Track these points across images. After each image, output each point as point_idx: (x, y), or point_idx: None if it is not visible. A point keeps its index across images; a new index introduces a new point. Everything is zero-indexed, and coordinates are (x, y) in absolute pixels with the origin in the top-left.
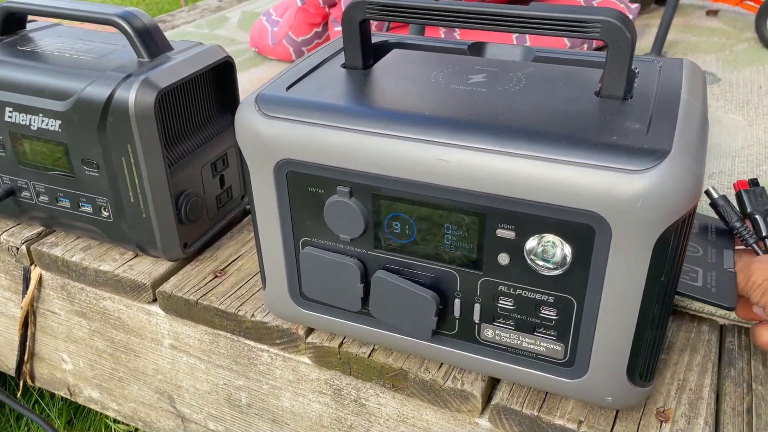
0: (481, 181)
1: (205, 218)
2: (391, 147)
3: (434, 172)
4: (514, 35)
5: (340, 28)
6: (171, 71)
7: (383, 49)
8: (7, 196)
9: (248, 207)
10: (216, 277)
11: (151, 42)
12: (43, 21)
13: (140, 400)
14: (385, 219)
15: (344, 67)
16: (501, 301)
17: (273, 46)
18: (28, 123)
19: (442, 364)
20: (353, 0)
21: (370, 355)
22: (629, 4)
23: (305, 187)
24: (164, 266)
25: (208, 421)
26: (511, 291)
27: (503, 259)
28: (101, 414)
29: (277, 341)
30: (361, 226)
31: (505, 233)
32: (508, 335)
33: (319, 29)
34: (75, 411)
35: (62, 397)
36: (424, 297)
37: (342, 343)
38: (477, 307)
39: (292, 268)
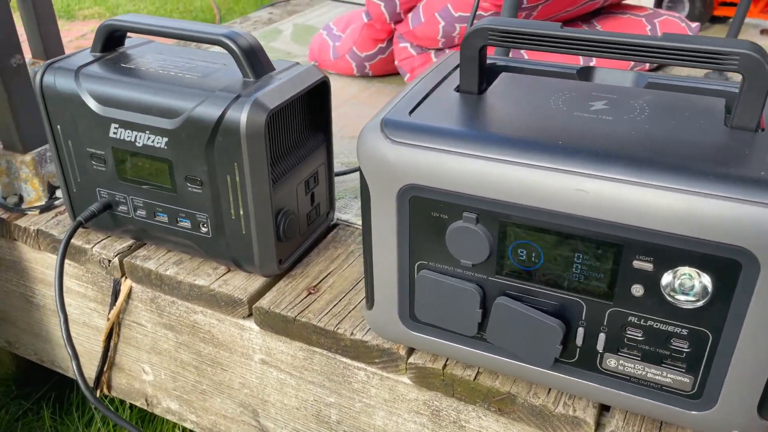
0: (621, 213)
1: (297, 235)
2: (524, 175)
3: (571, 202)
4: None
5: (405, 44)
6: (278, 92)
7: (491, 72)
8: (105, 209)
9: (332, 223)
10: (310, 293)
11: (256, 62)
12: (136, 37)
13: (222, 413)
14: (510, 246)
15: (458, 91)
16: (629, 332)
17: (334, 60)
18: (133, 139)
19: (551, 389)
20: (475, 27)
21: (475, 377)
22: (690, 23)
23: (428, 212)
24: (258, 282)
25: None
26: (642, 322)
27: (637, 290)
28: (172, 424)
29: (376, 360)
30: (485, 253)
31: (642, 265)
32: (632, 365)
33: (384, 45)
34: (143, 420)
35: (131, 406)
36: (550, 326)
37: (446, 365)
38: (602, 336)
39: (404, 290)
